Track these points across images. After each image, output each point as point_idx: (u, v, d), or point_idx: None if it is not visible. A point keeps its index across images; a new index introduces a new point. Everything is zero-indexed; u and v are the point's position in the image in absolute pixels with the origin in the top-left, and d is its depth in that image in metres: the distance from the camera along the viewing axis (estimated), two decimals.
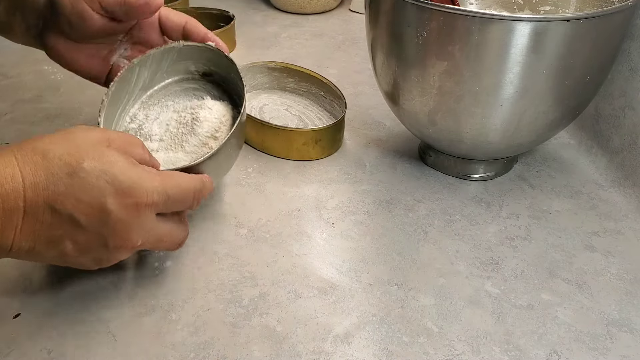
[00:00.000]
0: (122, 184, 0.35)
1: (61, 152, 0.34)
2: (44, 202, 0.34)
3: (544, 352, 0.41)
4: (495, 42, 0.45)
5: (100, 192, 0.35)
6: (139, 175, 0.37)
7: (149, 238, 0.39)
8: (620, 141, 0.58)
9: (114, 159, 0.36)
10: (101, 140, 0.37)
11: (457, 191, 0.57)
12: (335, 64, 0.84)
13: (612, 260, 0.49)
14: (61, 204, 0.34)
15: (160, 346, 0.41)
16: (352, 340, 0.42)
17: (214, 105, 0.50)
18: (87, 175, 0.35)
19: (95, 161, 0.35)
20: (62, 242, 0.36)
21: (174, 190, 0.39)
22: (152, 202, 0.37)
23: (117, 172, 0.35)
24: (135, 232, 0.37)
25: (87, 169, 0.35)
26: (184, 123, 0.50)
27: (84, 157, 0.35)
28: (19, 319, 0.43)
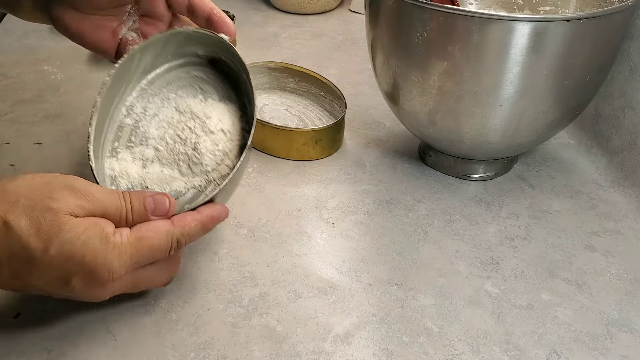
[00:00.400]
0: (87, 265, 0.35)
1: (28, 232, 0.34)
2: (9, 274, 0.35)
3: (543, 352, 0.41)
4: (495, 42, 0.45)
5: (65, 274, 0.35)
6: (106, 254, 0.36)
7: (122, 290, 0.39)
8: (620, 141, 0.58)
9: (86, 237, 0.35)
10: (79, 209, 0.36)
11: (457, 191, 0.57)
12: (335, 64, 0.84)
13: (612, 260, 0.49)
14: (25, 279, 0.35)
15: (160, 346, 0.41)
16: (352, 340, 0.42)
17: (218, 124, 0.46)
18: (51, 261, 0.35)
19: (63, 246, 0.34)
20: (29, 291, 0.38)
21: (146, 256, 0.38)
22: (119, 276, 0.37)
23: (85, 252, 0.35)
24: (104, 294, 0.38)
25: (52, 255, 0.34)
26: (182, 140, 0.46)
27: (52, 242, 0.34)
28: (19, 319, 0.43)
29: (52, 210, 0.34)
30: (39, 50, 0.85)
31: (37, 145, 0.62)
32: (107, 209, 0.37)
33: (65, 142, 0.63)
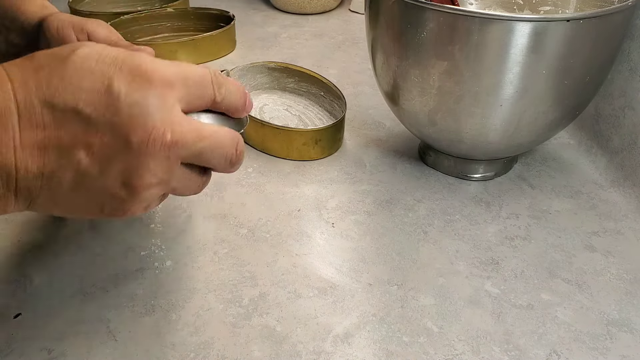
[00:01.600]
0: (127, 62, 0.29)
1: (49, 51, 0.29)
2: (39, 101, 0.28)
3: (543, 352, 0.41)
4: (495, 42, 0.45)
5: (103, 74, 0.28)
6: (148, 58, 0.30)
7: (162, 187, 0.31)
8: (620, 141, 0.58)
9: (115, 51, 0.30)
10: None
11: (457, 191, 0.57)
12: (335, 64, 0.84)
13: (612, 260, 0.49)
14: (59, 96, 0.28)
15: (160, 346, 0.41)
16: (352, 340, 0.42)
17: None
18: (84, 60, 0.29)
19: (91, 47, 0.29)
20: (74, 151, 0.29)
21: (193, 80, 0.31)
22: (168, 82, 0.30)
23: (119, 53, 0.29)
24: (156, 118, 0.29)
25: (81, 54, 0.29)
26: None
27: (77, 47, 0.29)
28: (19, 319, 0.43)
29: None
30: None
31: None
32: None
33: None
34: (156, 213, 0.53)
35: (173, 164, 0.30)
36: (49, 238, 0.50)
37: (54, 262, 0.47)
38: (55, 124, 0.28)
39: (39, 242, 0.49)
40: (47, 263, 0.47)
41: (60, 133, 0.28)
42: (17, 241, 0.49)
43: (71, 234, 0.50)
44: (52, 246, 0.49)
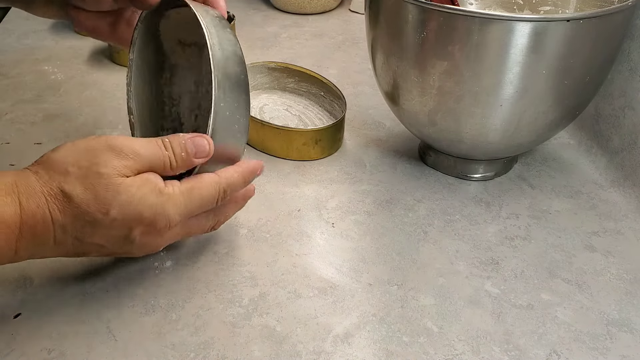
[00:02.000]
0: (146, 219, 0.38)
1: (87, 199, 0.36)
2: (72, 239, 0.38)
3: (543, 352, 0.41)
4: (495, 42, 0.45)
5: (126, 228, 0.38)
6: (163, 205, 0.38)
7: (175, 238, 0.42)
8: (620, 141, 0.58)
9: (141, 195, 0.38)
10: (126, 169, 0.37)
11: (457, 191, 0.57)
12: (335, 64, 0.84)
13: (612, 260, 0.49)
14: (89, 238, 0.38)
15: (160, 346, 0.41)
16: (352, 340, 0.42)
17: None
18: (113, 221, 0.37)
19: (122, 208, 0.37)
20: (88, 253, 0.40)
21: (197, 205, 0.41)
22: (175, 223, 0.40)
23: (142, 208, 0.38)
24: (161, 243, 0.41)
25: (113, 217, 0.37)
26: None
27: (110, 204, 0.37)
28: (19, 319, 0.43)
29: (103, 175, 0.36)
30: (39, 50, 0.85)
31: (37, 145, 0.62)
32: (151, 163, 0.39)
33: (65, 142, 0.63)
34: None
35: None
36: None
37: (54, 262, 0.47)
38: (80, 248, 0.39)
39: None
40: (47, 263, 0.47)
41: (81, 249, 0.39)
42: None
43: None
44: None
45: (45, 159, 0.38)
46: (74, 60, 0.82)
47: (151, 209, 0.38)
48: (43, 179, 0.37)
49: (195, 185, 0.40)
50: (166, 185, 0.39)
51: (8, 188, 0.36)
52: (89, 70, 0.79)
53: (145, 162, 0.38)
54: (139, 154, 0.38)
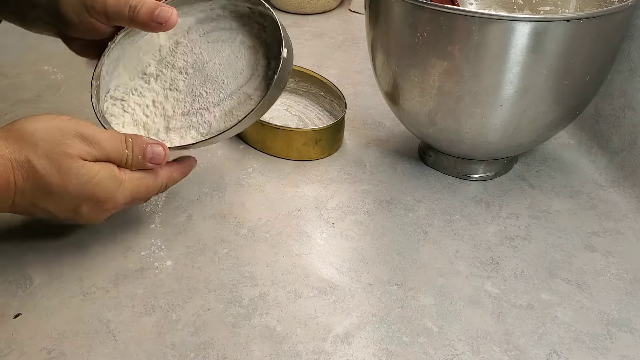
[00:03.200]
0: (96, 199, 0.42)
1: (50, 171, 0.40)
2: (28, 202, 0.41)
3: (543, 352, 0.41)
4: (495, 42, 0.45)
5: (77, 202, 0.42)
6: (114, 191, 0.43)
7: (120, 208, 0.45)
8: (620, 141, 0.58)
9: (100, 178, 0.42)
10: (88, 155, 0.41)
11: (457, 191, 0.57)
12: (335, 64, 0.84)
13: (612, 260, 0.49)
14: (42, 204, 0.42)
15: (160, 346, 0.41)
16: (352, 340, 0.42)
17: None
18: (69, 194, 0.41)
19: (80, 185, 0.41)
20: (36, 215, 0.44)
21: (142, 193, 0.45)
22: (120, 206, 0.44)
23: (97, 189, 0.42)
24: (100, 219, 0.45)
25: (70, 191, 0.41)
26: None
27: (70, 181, 0.41)
28: (19, 319, 0.43)
29: (68, 155, 0.40)
30: (39, 50, 0.85)
31: None
32: (110, 156, 0.43)
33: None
34: (156, 213, 0.53)
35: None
36: (49, 238, 0.50)
37: (54, 262, 0.47)
38: (34, 210, 0.42)
39: (39, 242, 0.49)
40: (47, 263, 0.47)
41: (35, 211, 0.43)
42: (17, 241, 0.49)
43: (71, 234, 0.50)
44: (52, 246, 0.49)
45: (18, 127, 0.41)
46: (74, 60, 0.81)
47: (104, 191, 0.42)
48: (12, 146, 0.40)
49: (145, 176, 0.45)
50: (120, 171, 0.43)
51: None
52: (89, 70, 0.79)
53: (105, 154, 0.42)
54: (102, 146, 0.42)
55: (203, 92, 0.51)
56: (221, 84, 0.51)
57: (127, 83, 0.51)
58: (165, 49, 0.52)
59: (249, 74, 0.51)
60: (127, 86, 0.51)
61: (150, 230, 0.51)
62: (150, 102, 0.51)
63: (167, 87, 0.51)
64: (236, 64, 0.51)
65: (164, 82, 0.52)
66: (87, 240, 0.50)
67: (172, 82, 0.51)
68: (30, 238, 0.50)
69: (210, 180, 0.58)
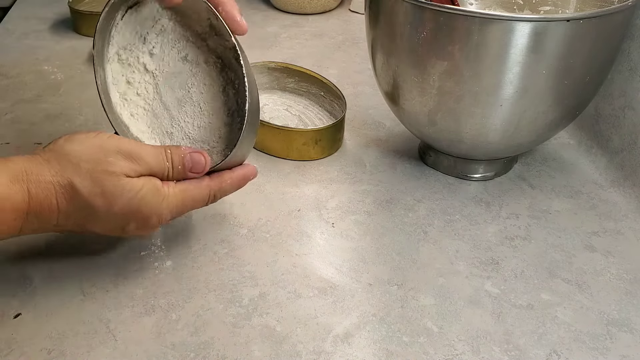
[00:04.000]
0: (143, 215, 0.41)
1: (94, 192, 0.39)
2: (72, 224, 0.41)
3: (543, 352, 0.41)
4: (495, 42, 0.45)
5: (123, 222, 0.41)
6: (159, 206, 0.42)
7: (167, 221, 0.44)
8: (620, 141, 0.58)
9: (143, 194, 0.41)
10: (132, 172, 0.40)
11: (457, 191, 0.57)
12: (335, 64, 0.84)
13: (612, 260, 0.49)
14: (89, 226, 0.41)
15: (160, 346, 0.41)
16: (352, 340, 0.42)
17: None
18: (115, 215, 0.40)
19: (125, 204, 0.40)
20: (82, 234, 0.44)
21: (188, 206, 0.44)
22: (166, 221, 0.43)
23: (142, 206, 0.41)
24: (147, 234, 0.45)
25: (116, 211, 0.40)
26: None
27: (115, 200, 0.40)
28: (19, 319, 0.43)
29: (112, 174, 0.39)
30: (39, 50, 0.85)
31: (37, 145, 0.62)
32: (153, 169, 0.42)
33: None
34: None
35: None
36: (49, 238, 0.50)
37: (54, 262, 0.47)
38: (78, 230, 0.42)
39: (39, 242, 0.49)
40: (47, 263, 0.47)
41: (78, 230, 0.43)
42: (17, 241, 0.49)
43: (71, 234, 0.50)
44: (52, 246, 0.49)
45: (58, 149, 0.40)
46: (74, 60, 0.82)
47: (149, 207, 0.41)
48: (55, 168, 0.39)
49: (189, 188, 0.43)
50: (163, 185, 0.42)
51: (18, 175, 0.38)
52: (89, 70, 0.79)
53: (148, 168, 0.41)
54: (145, 161, 0.41)
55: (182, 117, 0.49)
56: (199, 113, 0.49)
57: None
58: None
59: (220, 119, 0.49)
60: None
61: None
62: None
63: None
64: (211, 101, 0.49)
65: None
66: (87, 240, 0.50)
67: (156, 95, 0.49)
68: (30, 238, 0.49)
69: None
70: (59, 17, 0.96)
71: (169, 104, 0.49)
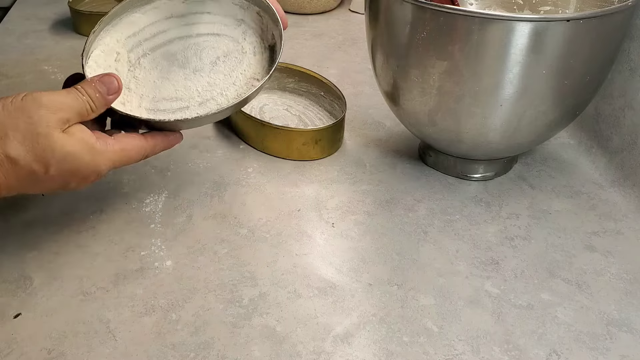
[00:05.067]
0: (81, 173, 0.42)
1: (29, 160, 0.39)
2: (16, 192, 0.41)
3: (543, 352, 0.41)
4: (495, 42, 0.45)
5: (64, 182, 0.42)
6: (95, 161, 0.42)
7: (105, 175, 0.45)
8: (620, 141, 0.58)
9: (75, 154, 0.41)
10: (60, 122, 0.40)
11: (457, 191, 0.57)
12: (335, 64, 0.84)
13: (612, 260, 0.49)
14: (32, 190, 0.42)
15: (160, 346, 0.41)
16: (352, 340, 0.42)
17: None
18: (53, 177, 0.41)
19: (59, 165, 0.40)
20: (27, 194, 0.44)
21: (123, 163, 0.45)
22: (104, 175, 0.44)
23: (78, 164, 0.41)
24: (87, 185, 0.44)
25: (52, 174, 0.40)
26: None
27: (49, 164, 0.40)
28: (19, 318, 0.43)
29: (41, 135, 0.39)
30: (39, 50, 0.85)
31: None
32: (76, 108, 0.42)
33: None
34: (156, 213, 0.53)
35: None
36: (49, 238, 0.50)
37: (54, 262, 0.47)
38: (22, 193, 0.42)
39: (39, 242, 0.49)
40: (47, 263, 0.47)
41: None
42: (17, 241, 0.49)
43: (71, 234, 0.50)
44: (52, 246, 0.49)
45: None
46: (74, 60, 0.81)
47: (86, 165, 0.42)
48: None
49: (126, 147, 0.44)
50: (98, 140, 0.42)
51: None
52: None
53: (73, 111, 0.41)
54: (67, 104, 0.41)
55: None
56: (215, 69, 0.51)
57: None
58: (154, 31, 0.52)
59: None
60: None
61: (150, 230, 0.51)
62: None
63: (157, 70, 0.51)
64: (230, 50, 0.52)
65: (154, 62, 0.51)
66: (87, 240, 0.50)
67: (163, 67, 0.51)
68: (30, 238, 0.50)
69: (210, 180, 0.58)
70: (59, 17, 0.96)
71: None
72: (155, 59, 0.51)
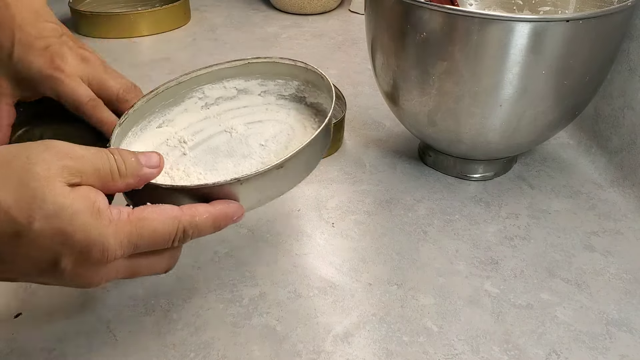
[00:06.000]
0: (79, 245, 0.30)
1: (10, 203, 0.29)
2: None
3: (543, 352, 0.41)
4: (495, 42, 0.45)
5: (53, 253, 0.30)
6: (101, 231, 0.30)
7: (117, 276, 0.33)
8: (619, 141, 0.58)
9: (73, 211, 0.30)
10: (65, 171, 0.30)
11: (456, 191, 0.57)
12: (335, 64, 0.84)
13: (612, 260, 0.49)
14: (10, 261, 0.30)
15: (160, 346, 0.41)
16: (352, 340, 0.42)
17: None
18: (37, 237, 0.29)
19: (48, 220, 0.29)
20: (15, 279, 0.32)
21: (146, 239, 0.32)
22: (114, 258, 0.31)
23: (73, 228, 0.30)
24: (97, 278, 0.32)
25: (37, 230, 0.29)
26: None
27: (35, 214, 0.29)
28: (19, 318, 0.43)
29: (34, 178, 0.29)
30: None
31: None
32: (96, 165, 0.32)
33: None
34: None
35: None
36: None
37: None
38: (3, 270, 0.31)
39: None
40: None
41: (6, 273, 0.31)
42: None
43: None
44: None
45: None
46: None
47: (84, 231, 0.30)
48: None
49: (149, 216, 0.32)
50: (110, 208, 0.31)
51: None
52: None
53: (89, 164, 0.31)
54: (81, 154, 0.31)
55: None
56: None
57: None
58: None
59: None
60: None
61: None
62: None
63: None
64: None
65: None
66: None
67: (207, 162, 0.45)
68: None
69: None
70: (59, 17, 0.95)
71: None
72: (197, 156, 0.45)
